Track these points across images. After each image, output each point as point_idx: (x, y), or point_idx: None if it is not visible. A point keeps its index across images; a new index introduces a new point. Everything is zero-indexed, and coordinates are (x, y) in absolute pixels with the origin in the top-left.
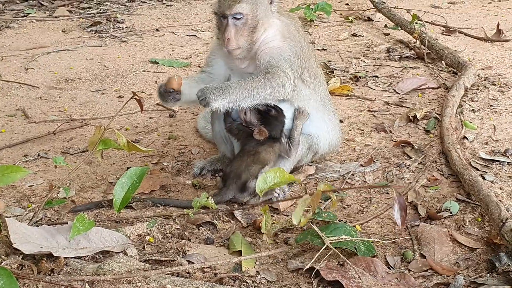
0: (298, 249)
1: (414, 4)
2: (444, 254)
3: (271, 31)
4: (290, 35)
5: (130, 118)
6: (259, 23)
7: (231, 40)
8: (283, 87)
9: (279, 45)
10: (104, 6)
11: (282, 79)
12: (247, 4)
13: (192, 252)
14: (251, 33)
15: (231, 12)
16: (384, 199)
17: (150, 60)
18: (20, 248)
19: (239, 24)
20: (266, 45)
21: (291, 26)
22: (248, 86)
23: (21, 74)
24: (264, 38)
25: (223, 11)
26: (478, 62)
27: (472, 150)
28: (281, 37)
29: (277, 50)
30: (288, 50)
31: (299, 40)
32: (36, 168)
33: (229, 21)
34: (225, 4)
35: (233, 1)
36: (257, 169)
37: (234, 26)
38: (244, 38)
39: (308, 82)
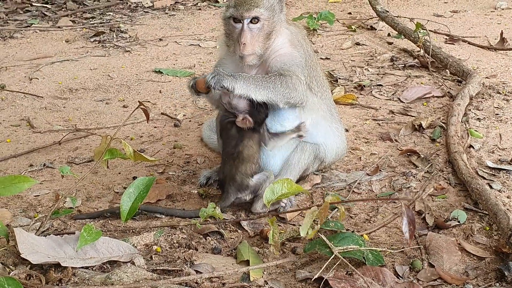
0: (306, 258)
1: (417, 13)
2: (453, 263)
3: (280, 39)
4: (299, 43)
5: (135, 127)
6: (273, 30)
7: (247, 45)
8: (295, 90)
9: (290, 51)
10: (107, 16)
11: (295, 81)
12: (265, 9)
13: (199, 262)
14: (265, 39)
15: (249, 15)
16: (391, 208)
17: (154, 70)
18: (28, 258)
19: (255, 29)
20: (276, 52)
21: (298, 35)
22: (261, 80)
23: (25, 84)
24: (274, 46)
25: (241, 14)
26: (482, 70)
27: (479, 158)
28: (290, 45)
29: (288, 57)
30: (299, 56)
31: (306, 48)
32: (42, 178)
33: (244, 26)
34: (243, 7)
35: (252, 5)
36: (247, 167)
37: (250, 30)
38: (259, 44)
39: (316, 91)
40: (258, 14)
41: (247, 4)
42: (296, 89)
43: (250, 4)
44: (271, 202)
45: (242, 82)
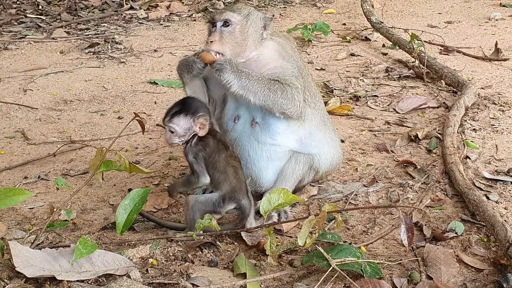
0: (304, 271)
1: (411, 23)
2: (451, 275)
3: (266, 51)
4: (287, 54)
5: (130, 139)
6: (248, 39)
7: (214, 43)
8: (293, 102)
9: (280, 64)
10: (102, 27)
11: (294, 91)
12: (238, 15)
13: (196, 275)
14: (238, 45)
15: (220, 18)
16: (388, 220)
17: (149, 81)
18: (23, 271)
19: (226, 32)
20: (266, 66)
21: (286, 46)
22: (265, 84)
23: (19, 95)
24: (259, 58)
25: (213, 16)
26: (477, 81)
27: (475, 169)
28: (279, 57)
29: (280, 69)
30: (291, 67)
31: (296, 59)
32: (37, 190)
33: (217, 28)
34: (218, 11)
35: (226, 9)
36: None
37: (221, 32)
38: (228, 47)
39: (309, 102)
40: (229, 17)
41: (223, 9)
42: (295, 100)
43: (226, 9)
44: (269, 212)
45: (245, 80)
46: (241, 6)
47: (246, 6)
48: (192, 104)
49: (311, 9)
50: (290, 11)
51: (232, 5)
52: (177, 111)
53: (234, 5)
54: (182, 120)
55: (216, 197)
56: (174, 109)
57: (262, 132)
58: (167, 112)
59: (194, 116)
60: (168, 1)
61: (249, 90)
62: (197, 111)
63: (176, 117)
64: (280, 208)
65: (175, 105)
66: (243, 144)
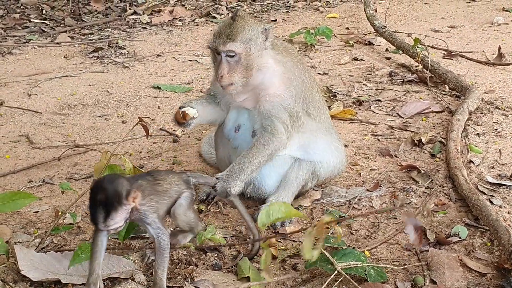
0: (307, 275)
1: (414, 28)
2: (455, 280)
3: (267, 74)
4: (288, 75)
5: (134, 143)
6: (254, 62)
7: (224, 77)
8: (281, 141)
9: (279, 92)
10: (106, 32)
11: (281, 134)
12: (241, 43)
13: (200, 278)
14: (245, 71)
15: (223, 49)
16: (392, 224)
17: (152, 86)
18: (28, 275)
19: (233, 61)
20: (265, 91)
21: (287, 63)
22: (255, 156)
23: (24, 100)
24: (261, 80)
25: (216, 47)
26: (480, 85)
27: (479, 174)
28: (279, 81)
29: (277, 99)
30: (288, 97)
31: (298, 76)
32: (41, 194)
33: (222, 58)
34: (219, 40)
35: (227, 39)
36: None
37: (228, 63)
38: (238, 76)
39: (314, 116)
40: (233, 48)
41: (223, 37)
42: (282, 139)
43: (227, 37)
44: (266, 225)
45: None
46: (242, 27)
47: (246, 23)
48: (109, 192)
49: (314, 13)
50: (292, 15)
51: (233, 26)
52: (105, 213)
53: (234, 26)
54: (117, 215)
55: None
56: (98, 213)
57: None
58: (95, 220)
59: (121, 201)
60: (171, 6)
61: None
62: (120, 194)
63: (110, 218)
64: (279, 221)
65: (95, 208)
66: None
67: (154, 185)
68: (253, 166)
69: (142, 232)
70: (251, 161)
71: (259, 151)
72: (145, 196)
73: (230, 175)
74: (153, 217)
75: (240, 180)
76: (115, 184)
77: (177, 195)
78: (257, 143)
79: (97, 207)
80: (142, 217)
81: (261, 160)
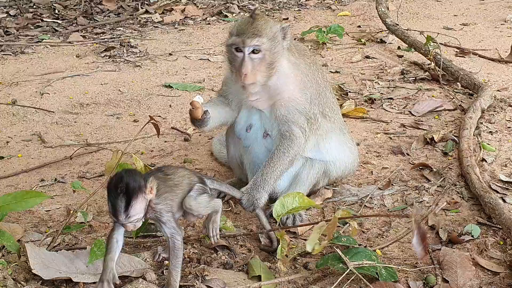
0: (318, 274)
1: (426, 26)
2: (467, 279)
3: (282, 76)
4: (302, 77)
5: (146, 142)
6: (276, 60)
7: (248, 75)
8: (300, 145)
9: (294, 96)
10: (117, 31)
11: (299, 139)
12: (267, 39)
13: (211, 277)
14: (267, 70)
15: (250, 44)
16: (403, 223)
17: (164, 84)
18: (39, 273)
19: (256, 59)
20: (280, 95)
21: (301, 65)
22: (276, 165)
23: (36, 99)
24: (275, 82)
25: (243, 43)
26: (493, 83)
27: (492, 172)
28: (294, 84)
29: (292, 103)
30: (303, 101)
31: (312, 77)
32: (53, 192)
33: (245, 56)
34: (243, 36)
35: (253, 34)
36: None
37: (251, 60)
38: (261, 74)
39: (329, 116)
40: (259, 44)
41: (248, 33)
42: (300, 143)
43: (252, 33)
44: (281, 216)
45: (267, 187)
46: (265, 24)
47: (267, 21)
48: (129, 182)
49: (326, 11)
50: (304, 13)
51: (255, 23)
52: (126, 203)
53: (257, 23)
54: (137, 205)
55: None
56: (120, 203)
57: (275, 143)
58: (116, 212)
59: (142, 190)
60: (182, 5)
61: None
62: (140, 184)
63: (131, 208)
64: (294, 212)
65: (116, 199)
66: (256, 152)
67: (166, 180)
68: (276, 176)
69: (153, 231)
70: (274, 170)
71: (279, 160)
72: (160, 194)
73: (255, 188)
74: (168, 216)
75: (265, 191)
76: (134, 175)
77: (189, 188)
78: (277, 152)
79: (117, 199)
80: (157, 216)
81: (283, 168)
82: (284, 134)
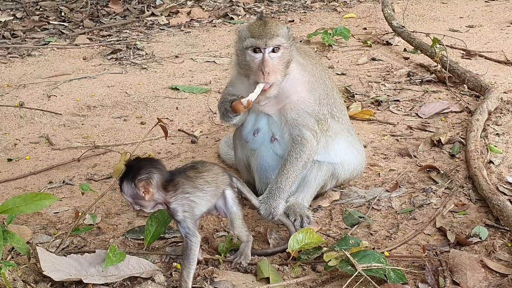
0: (327, 276)
1: (432, 28)
2: (477, 281)
3: (290, 78)
4: (310, 77)
5: (153, 144)
6: (291, 59)
7: (270, 74)
8: (312, 148)
9: (302, 98)
10: (124, 34)
11: (311, 142)
12: (285, 38)
13: (219, 279)
14: (284, 69)
15: (271, 44)
16: (411, 225)
17: (171, 87)
18: (50, 275)
19: (275, 57)
20: (288, 98)
21: (308, 66)
22: (290, 172)
23: (43, 101)
24: (288, 85)
25: (265, 43)
26: (500, 85)
27: (499, 174)
28: (301, 86)
29: (301, 106)
30: (312, 102)
31: (319, 78)
32: (61, 194)
33: (266, 55)
34: (266, 37)
35: (273, 34)
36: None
37: (271, 59)
38: (279, 74)
39: (338, 117)
40: (279, 43)
41: (269, 33)
42: (313, 145)
43: (270, 33)
44: (296, 250)
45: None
46: (276, 24)
47: (276, 22)
48: (134, 167)
49: (331, 13)
50: (310, 16)
51: (268, 24)
52: (120, 179)
53: (272, 24)
54: (125, 187)
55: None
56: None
57: (282, 147)
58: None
59: (133, 181)
60: (188, 8)
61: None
62: (136, 174)
63: (122, 185)
64: (306, 247)
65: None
66: (263, 155)
67: (195, 179)
68: (291, 182)
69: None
70: (288, 178)
71: (293, 166)
72: (177, 193)
73: (271, 197)
74: (184, 215)
75: (281, 199)
76: (142, 168)
77: (223, 186)
78: (289, 158)
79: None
80: (171, 213)
81: (297, 174)
82: (296, 138)
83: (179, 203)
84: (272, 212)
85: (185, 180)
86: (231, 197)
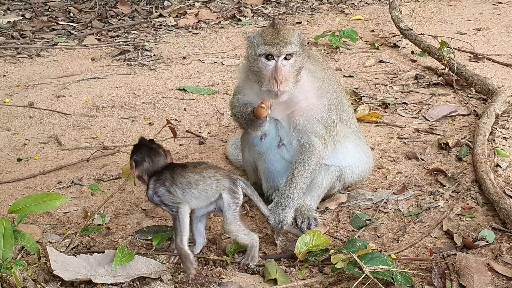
0: (334, 278)
1: (440, 30)
2: (483, 284)
3: (299, 85)
4: (319, 83)
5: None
6: (302, 66)
7: (283, 82)
8: (320, 155)
9: (312, 105)
10: (132, 35)
11: (318, 149)
12: (297, 46)
13: (227, 280)
14: (296, 76)
15: (285, 51)
16: (418, 228)
17: (178, 88)
18: (60, 275)
19: (288, 65)
20: (298, 104)
21: (317, 72)
22: (298, 180)
23: (52, 101)
24: (298, 92)
25: (278, 50)
26: (507, 88)
27: (506, 178)
28: (311, 92)
29: (311, 112)
30: (321, 109)
31: (328, 83)
32: (71, 195)
33: (278, 63)
34: (280, 44)
35: (287, 42)
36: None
37: (284, 67)
38: (292, 80)
39: (346, 121)
40: (293, 50)
41: (282, 40)
42: (320, 152)
43: (284, 41)
44: (303, 252)
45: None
46: (289, 31)
47: (289, 28)
48: (139, 146)
49: (339, 15)
50: (317, 18)
51: (281, 31)
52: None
53: (285, 31)
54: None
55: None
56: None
57: (290, 153)
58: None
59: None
60: (196, 9)
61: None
62: (133, 153)
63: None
64: (313, 249)
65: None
66: (270, 160)
67: (179, 177)
68: (299, 190)
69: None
70: (296, 186)
71: (301, 174)
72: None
73: (280, 206)
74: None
75: (290, 207)
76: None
77: (217, 189)
78: (297, 166)
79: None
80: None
81: (305, 181)
82: (304, 145)
83: (154, 191)
84: (281, 222)
85: (169, 175)
86: (226, 202)
